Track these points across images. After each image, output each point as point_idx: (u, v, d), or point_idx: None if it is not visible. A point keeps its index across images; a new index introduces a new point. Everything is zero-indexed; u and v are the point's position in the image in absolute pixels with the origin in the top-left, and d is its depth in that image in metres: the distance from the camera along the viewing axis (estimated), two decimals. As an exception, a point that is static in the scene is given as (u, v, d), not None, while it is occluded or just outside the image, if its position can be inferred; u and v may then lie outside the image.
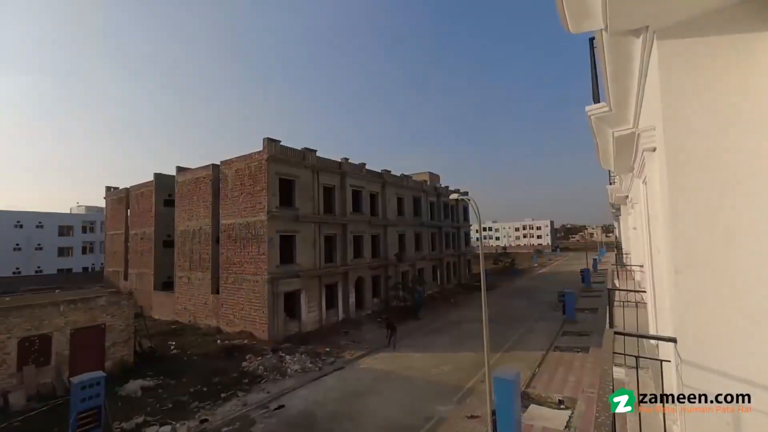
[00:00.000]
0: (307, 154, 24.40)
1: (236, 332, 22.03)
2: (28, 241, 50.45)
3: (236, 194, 23.40)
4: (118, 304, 16.38)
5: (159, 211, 31.07)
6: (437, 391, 13.99)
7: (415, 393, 13.94)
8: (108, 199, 38.56)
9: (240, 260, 22.77)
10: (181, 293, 27.32)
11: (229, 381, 15.10)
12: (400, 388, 14.47)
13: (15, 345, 13.28)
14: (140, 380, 14.67)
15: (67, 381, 13.41)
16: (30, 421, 11.89)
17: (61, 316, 14.47)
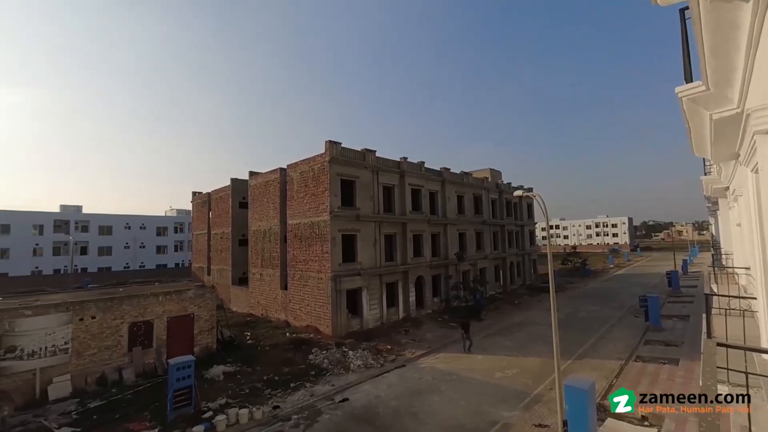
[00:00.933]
0: (366, 154, 24.96)
1: (303, 326, 23.32)
2: (134, 241, 58.69)
3: (301, 195, 24.75)
4: (204, 296, 18.28)
5: (235, 213, 34.01)
6: (502, 396, 13.47)
7: (479, 395, 13.56)
8: (194, 203, 43.16)
9: (305, 258, 24.04)
10: (255, 288, 29.63)
11: (298, 372, 16.03)
12: (463, 389, 14.18)
13: (126, 329, 15.51)
14: (222, 366, 16.19)
15: (165, 362, 15.33)
16: (138, 394, 13.79)
17: (159, 305, 16.58)
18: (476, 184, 35.99)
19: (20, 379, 12.98)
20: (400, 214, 26.74)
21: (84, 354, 14.39)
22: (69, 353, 14.04)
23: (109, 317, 15.18)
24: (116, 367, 15.02)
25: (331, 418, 12.23)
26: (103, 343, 14.92)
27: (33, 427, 11.35)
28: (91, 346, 14.61)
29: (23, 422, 11.63)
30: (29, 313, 13.51)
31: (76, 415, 12.22)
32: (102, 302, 15.29)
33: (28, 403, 12.79)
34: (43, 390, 13.26)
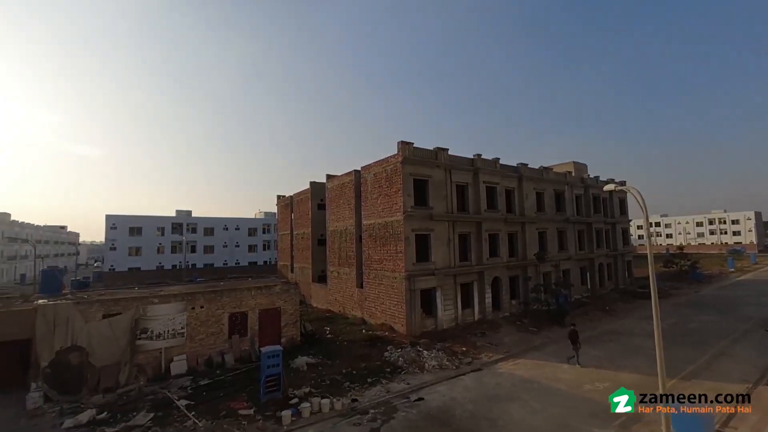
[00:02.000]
0: (439, 153, 24.78)
1: (378, 324, 24.03)
2: (230, 240, 66.34)
3: (375, 196, 25.50)
4: (288, 292, 19.94)
5: (314, 214, 36.36)
6: (591, 410, 12.34)
7: (564, 407, 12.61)
8: (278, 205, 47.19)
9: (380, 258, 24.73)
10: (333, 286, 31.35)
11: (374, 368, 16.59)
12: (546, 399, 13.32)
13: (226, 319, 17.66)
14: (305, 357, 17.48)
15: (258, 350, 17.07)
16: (237, 377, 15.60)
17: (252, 299, 18.55)
18: (557, 179, 33.35)
19: (151, 356, 15.61)
20: (474, 213, 26.02)
21: (195, 338, 16.73)
22: (184, 337, 16.46)
23: (214, 307, 17.43)
24: (219, 351, 17.18)
25: (407, 416, 12.45)
26: (209, 329, 17.18)
27: (160, 397, 13.54)
28: (200, 331, 16.92)
29: (153, 392, 13.96)
30: (156, 301, 16.19)
31: (191, 390, 14.27)
32: (208, 294, 17.63)
33: (156, 376, 15.30)
34: (167, 367, 15.74)
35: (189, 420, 11.85)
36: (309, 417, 12.23)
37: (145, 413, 12.29)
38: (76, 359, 14.07)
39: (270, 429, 11.56)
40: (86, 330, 14.48)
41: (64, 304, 14.75)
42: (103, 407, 12.68)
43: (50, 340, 13.87)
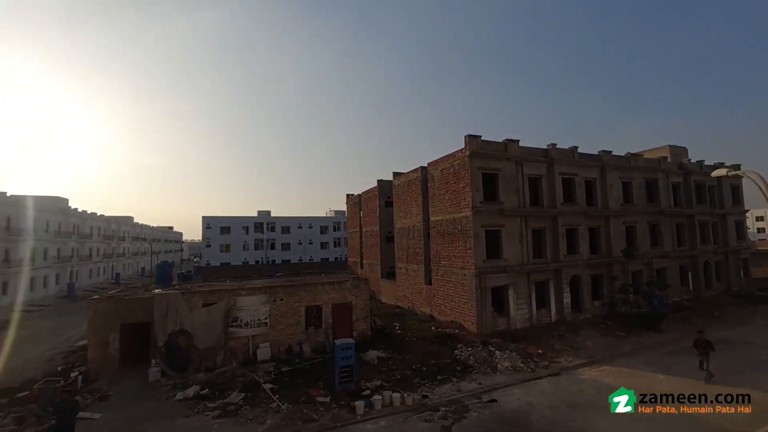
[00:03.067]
0: (509, 145, 23.62)
1: (447, 321, 23.78)
2: (305, 238, 70.91)
3: (442, 192, 25.21)
4: (359, 287, 20.71)
5: (382, 212, 37.14)
6: (704, 429, 10.81)
7: (663, 423, 11.24)
8: (347, 204, 49.10)
9: (448, 254, 24.41)
10: (401, 282, 31.76)
11: (443, 365, 16.48)
12: (641, 412, 11.99)
13: (303, 311, 18.98)
14: (376, 351, 18.02)
15: (332, 342, 18.05)
16: (314, 366, 16.68)
17: (325, 293, 19.65)
18: (649, 166, 29.62)
19: (240, 342, 17.44)
20: (549, 207, 24.33)
21: (277, 328, 18.27)
22: (268, 326, 18.07)
23: (292, 300, 18.84)
24: (297, 341, 18.53)
25: (479, 416, 12.17)
26: (288, 320, 18.61)
27: (249, 379, 15.07)
28: (281, 322, 18.43)
29: (243, 374, 15.59)
30: (244, 293, 18.03)
31: (274, 375, 15.62)
32: (287, 288, 19.11)
33: (246, 360, 17.05)
34: (253, 352, 17.44)
35: (273, 402, 13.01)
36: (381, 409, 12.61)
37: (238, 393, 13.78)
38: (184, 341, 16.30)
39: (344, 418, 12.17)
40: (190, 317, 16.68)
41: (173, 294, 17.18)
42: (204, 384, 14.50)
43: (164, 324, 16.26)
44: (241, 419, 12.04)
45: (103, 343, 16.00)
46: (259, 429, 11.49)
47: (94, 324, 16.14)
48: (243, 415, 12.29)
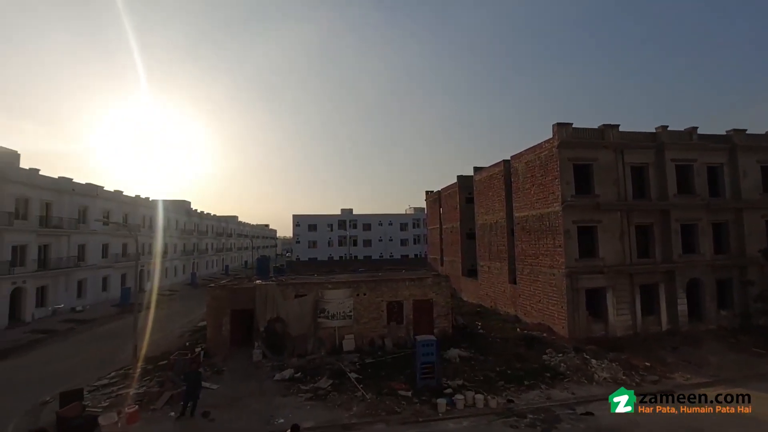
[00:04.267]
0: (606, 131, 21.15)
1: (534, 323, 22.31)
2: (385, 235, 72.95)
3: (528, 186, 23.68)
4: (440, 284, 20.61)
5: (462, 208, 36.32)
6: None
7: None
8: (427, 201, 49.08)
9: (535, 252, 22.87)
10: (483, 280, 30.70)
11: (531, 370, 15.52)
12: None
13: (385, 306, 19.59)
14: (457, 350, 17.75)
15: (413, 338, 18.29)
16: (396, 360, 17.11)
17: (406, 289, 19.98)
18: (803, 146, 23.78)
19: (328, 332, 18.73)
20: (658, 199, 21.20)
21: (360, 321, 19.17)
22: (352, 319, 19.07)
23: (374, 295, 19.56)
24: (380, 335, 19.19)
25: (573, 429, 11.24)
26: (371, 315, 19.38)
27: (336, 368, 16.11)
28: (364, 315, 19.29)
29: (331, 363, 16.71)
30: (330, 287, 19.31)
31: (358, 366, 16.44)
32: (369, 283, 19.91)
33: (332, 350, 18.26)
34: (339, 343, 18.58)
35: (358, 391, 13.72)
36: (463, 409, 12.44)
37: (326, 379, 14.84)
38: (280, 328, 18.12)
39: (426, 414, 12.29)
40: (285, 306, 18.45)
41: (271, 285, 19.18)
42: (297, 368, 15.94)
43: (264, 312, 18.27)
44: (330, 404, 12.96)
45: (218, 325, 18.62)
46: (345, 415, 12.24)
47: (211, 308, 18.86)
48: (331, 400, 13.21)
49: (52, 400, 13.05)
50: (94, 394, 13.87)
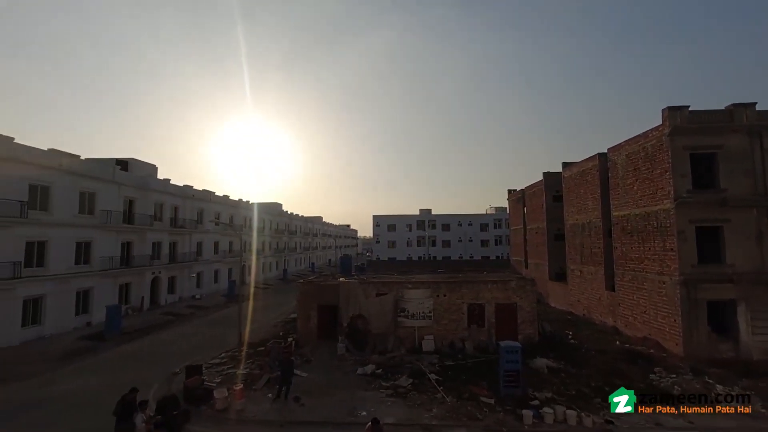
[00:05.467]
0: (735, 112, 17.72)
1: (638, 337, 19.67)
2: (464, 235, 71.22)
3: (629, 182, 21.02)
4: (524, 288, 19.41)
5: (549, 207, 33.67)
6: None
7: None
8: (509, 200, 46.59)
9: (639, 256, 20.18)
10: (574, 286, 28.04)
11: (634, 390, 13.69)
12: None
13: (465, 308, 19.14)
14: (545, 359, 16.50)
15: (495, 343, 17.57)
16: (477, 364, 16.59)
17: (488, 292, 19.25)
18: None
19: (407, 331, 18.99)
20: (813, 194, 17.02)
21: (440, 322, 19.02)
22: (432, 319, 19.03)
23: (454, 297, 19.24)
24: (460, 337, 18.79)
25: (691, 463, 9.64)
26: (451, 316, 19.09)
27: (416, 367, 16.23)
28: (443, 317, 19.09)
29: (410, 362, 16.91)
30: (410, 286, 19.55)
31: (438, 367, 16.33)
32: (449, 284, 19.65)
33: (411, 349, 18.44)
34: (419, 343, 18.68)
35: (438, 393, 13.64)
36: (552, 425, 11.56)
37: (406, 378, 15.05)
38: (362, 325, 18.92)
39: (510, 424, 11.69)
40: (366, 304, 19.21)
41: (353, 283, 20.16)
42: (378, 365, 16.45)
43: (347, 308, 19.27)
44: (410, 402, 13.12)
45: (306, 318, 20.18)
46: (425, 415, 12.28)
47: (300, 302, 20.53)
48: (411, 399, 13.37)
49: (180, 371, 15.55)
50: (209, 371, 16.13)
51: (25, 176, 20.94)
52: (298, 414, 12.42)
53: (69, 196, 23.78)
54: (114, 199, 27.42)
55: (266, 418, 12.14)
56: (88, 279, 24.79)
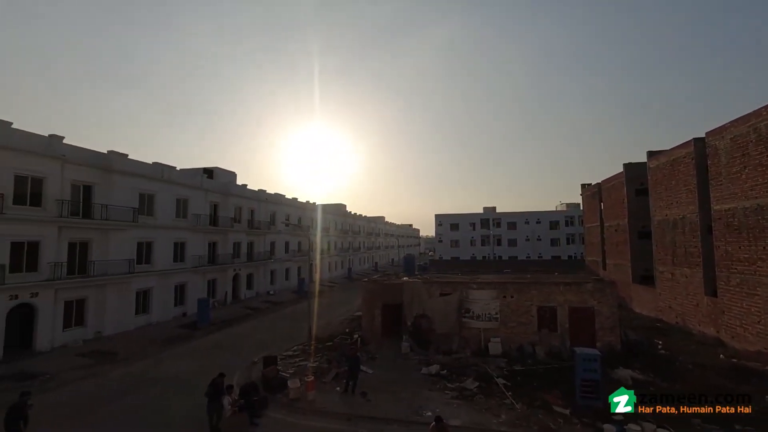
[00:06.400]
0: None
1: (750, 351, 16.90)
2: (532, 234, 67.33)
3: (735, 170, 18.19)
4: (603, 291, 17.78)
5: (631, 202, 30.42)
6: None
7: None
8: (583, 195, 43.01)
9: (749, 257, 17.36)
10: (664, 290, 24.98)
11: (750, 413, 11.79)
12: None
13: (535, 311, 18.11)
14: (629, 371, 14.95)
15: (569, 349, 16.36)
16: (549, 371, 15.62)
17: (561, 294, 17.99)
18: None
19: (472, 333, 18.51)
20: None
21: (507, 324, 18.24)
22: (498, 322, 18.32)
23: (523, 298, 18.31)
24: (530, 341, 17.82)
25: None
26: (519, 319, 18.20)
27: (481, 370, 15.76)
28: (511, 319, 18.27)
29: (476, 364, 16.46)
30: (475, 287, 19.04)
31: (506, 372, 15.67)
32: (516, 285, 18.76)
33: (477, 352, 17.94)
34: (485, 345, 18.09)
35: (507, 399, 13.10)
36: (640, 442, 10.44)
37: (472, 380, 14.69)
38: (425, 324, 18.89)
39: (589, 437, 10.81)
40: (430, 303, 19.13)
41: (417, 282, 20.21)
42: (443, 365, 16.28)
43: (410, 307, 19.38)
44: (476, 406, 12.77)
45: (371, 316, 20.70)
46: (494, 421, 11.86)
47: (365, 301, 21.12)
48: (478, 402, 13.01)
49: (258, 361, 16.97)
50: (284, 362, 17.36)
51: (136, 186, 24.64)
52: (364, 409, 12.80)
53: (168, 202, 27.35)
54: (202, 204, 30.82)
55: (335, 411, 12.72)
56: (183, 275, 28.20)
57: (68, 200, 20.41)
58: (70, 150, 20.94)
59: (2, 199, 17.26)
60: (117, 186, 23.11)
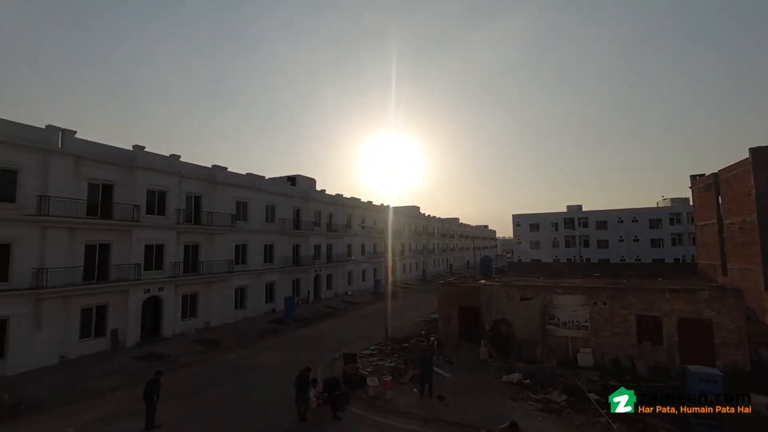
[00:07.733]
0: None
1: None
2: (627, 234, 59.96)
3: None
4: (724, 300, 15.14)
5: (761, 194, 25.36)
6: None
7: None
8: (694, 189, 37.12)
9: None
10: (814, 301, 20.26)
11: None
12: None
13: (634, 320, 16.14)
14: (765, 397, 12.46)
15: (679, 366, 14.26)
16: (651, 389, 13.73)
17: (667, 303, 15.75)
18: None
19: (558, 341, 17.16)
20: None
21: (599, 334, 16.54)
22: (588, 330, 16.72)
23: (617, 306, 16.45)
24: (627, 354, 15.92)
25: None
26: (614, 329, 16.37)
27: (570, 383, 14.50)
28: (604, 328, 16.53)
29: (563, 375, 15.22)
30: (560, 291, 17.66)
31: (599, 386, 14.19)
32: (610, 291, 16.93)
33: (564, 361, 16.57)
34: (573, 355, 16.65)
35: (601, 416, 11.88)
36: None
37: (559, 393, 13.62)
38: (505, 329, 18.04)
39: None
40: (509, 308, 18.24)
41: (495, 286, 19.43)
42: (526, 374, 15.38)
43: (489, 311, 18.69)
44: (565, 422, 11.82)
45: (447, 319, 20.45)
46: (586, 438, 10.87)
47: (441, 303, 20.95)
48: (567, 417, 12.02)
49: (338, 358, 17.91)
50: (362, 361, 18.05)
51: (234, 195, 27.94)
52: (442, 413, 12.69)
53: (259, 209, 30.43)
54: (286, 209, 33.60)
55: (412, 411, 12.83)
56: (272, 274, 31.02)
57: (183, 209, 23.99)
58: (183, 166, 24.61)
59: (138, 210, 20.95)
60: (219, 195, 26.46)
